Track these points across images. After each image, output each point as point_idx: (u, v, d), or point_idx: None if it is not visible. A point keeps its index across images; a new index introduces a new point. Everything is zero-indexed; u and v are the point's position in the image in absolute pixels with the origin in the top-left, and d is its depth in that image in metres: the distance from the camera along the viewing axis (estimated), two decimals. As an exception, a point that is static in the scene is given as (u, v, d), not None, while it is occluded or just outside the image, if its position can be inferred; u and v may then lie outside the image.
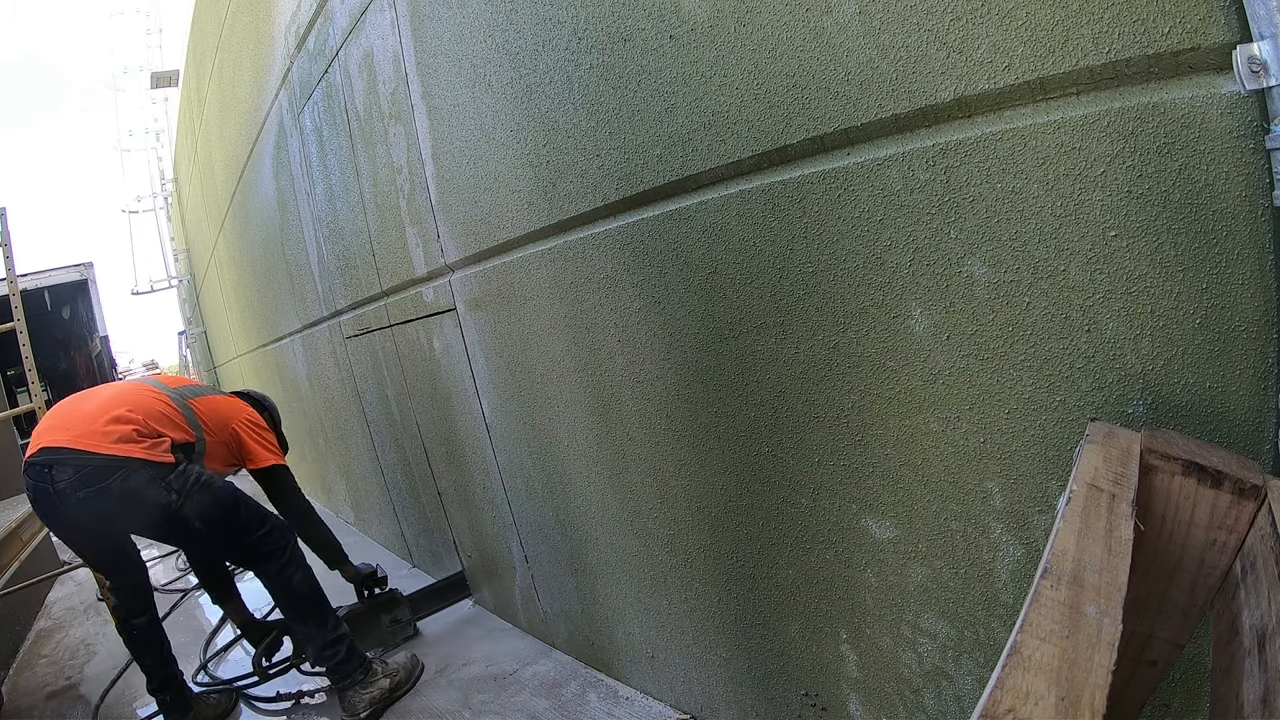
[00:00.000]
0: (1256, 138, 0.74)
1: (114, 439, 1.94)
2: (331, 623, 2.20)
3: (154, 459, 1.96)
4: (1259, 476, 0.72)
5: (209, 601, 3.56)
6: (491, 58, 1.71)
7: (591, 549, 1.99)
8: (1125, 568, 0.58)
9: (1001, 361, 0.99)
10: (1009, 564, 1.06)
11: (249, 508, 2.14)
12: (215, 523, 2.05)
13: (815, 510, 1.32)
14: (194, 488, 2.00)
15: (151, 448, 1.98)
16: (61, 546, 4.31)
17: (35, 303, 9.46)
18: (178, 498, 1.97)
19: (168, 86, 9.83)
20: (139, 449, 1.96)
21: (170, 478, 1.97)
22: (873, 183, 1.06)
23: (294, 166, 3.36)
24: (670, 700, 1.90)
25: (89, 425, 1.96)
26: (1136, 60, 0.80)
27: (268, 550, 2.14)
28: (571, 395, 1.84)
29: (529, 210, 1.74)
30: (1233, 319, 0.80)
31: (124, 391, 2.15)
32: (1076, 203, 0.87)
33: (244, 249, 5.22)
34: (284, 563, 2.16)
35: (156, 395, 2.16)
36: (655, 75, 1.32)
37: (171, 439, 2.06)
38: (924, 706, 1.24)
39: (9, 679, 3.05)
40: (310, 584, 2.20)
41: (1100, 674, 0.46)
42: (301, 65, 2.93)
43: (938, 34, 0.94)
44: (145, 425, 2.02)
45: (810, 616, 1.40)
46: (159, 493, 1.95)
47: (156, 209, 11.38)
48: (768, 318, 1.28)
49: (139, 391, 2.16)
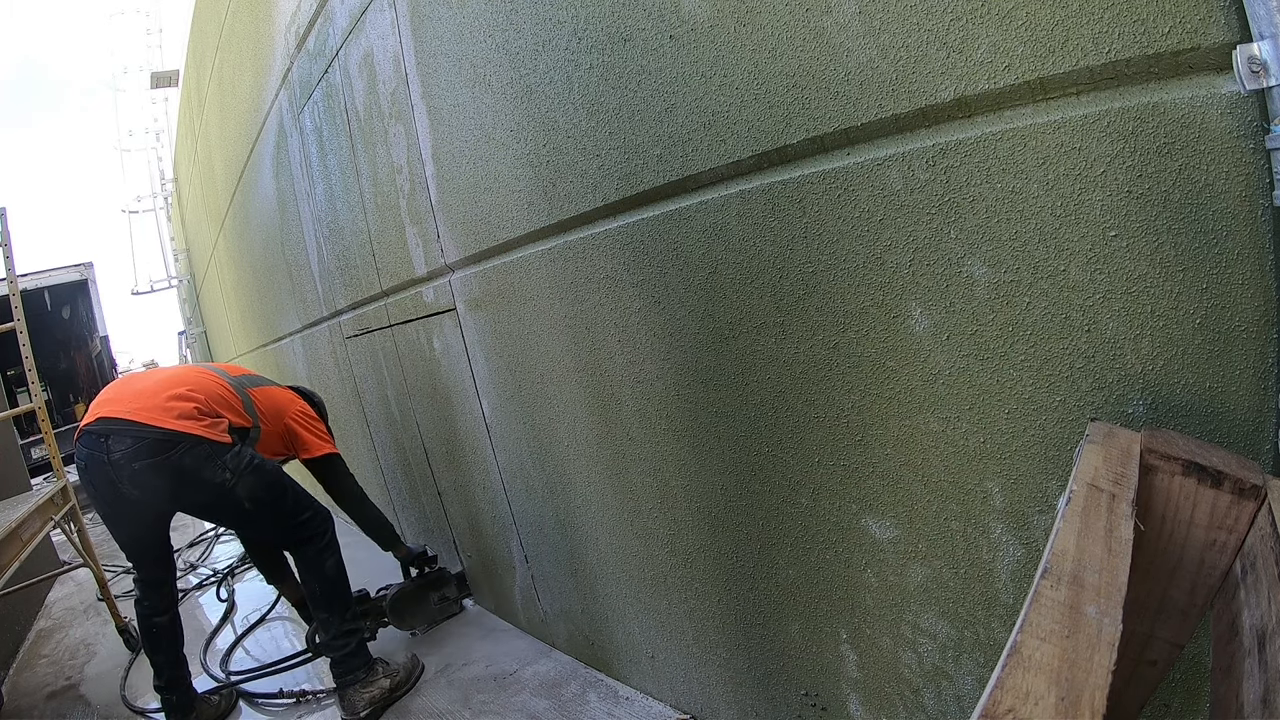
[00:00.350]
0: (1256, 138, 0.74)
1: (175, 414, 1.97)
2: (350, 614, 2.24)
3: (212, 437, 1.99)
4: (1259, 476, 0.72)
5: (210, 601, 3.57)
6: (491, 58, 1.71)
7: (591, 549, 1.99)
8: (1125, 568, 0.58)
9: (1001, 361, 0.99)
10: (1009, 564, 1.06)
11: (296, 493, 2.20)
12: (263, 504, 2.09)
13: (815, 510, 1.32)
14: (248, 469, 2.04)
15: (211, 427, 2.01)
16: (62, 546, 4.31)
17: (35, 303, 9.47)
18: (232, 477, 2.00)
19: (168, 86, 9.83)
20: (199, 426, 1.99)
21: (226, 457, 2.01)
22: (873, 183, 1.06)
23: (294, 166, 3.36)
24: (670, 700, 1.90)
25: (150, 400, 1.99)
26: (1136, 60, 0.80)
27: (309, 535, 2.19)
28: (571, 395, 1.84)
29: (529, 210, 1.74)
30: (1233, 319, 0.80)
31: (185, 372, 2.20)
32: (1076, 203, 0.87)
33: (244, 249, 5.22)
34: (321, 548, 2.21)
35: (216, 379, 2.21)
36: (655, 75, 1.32)
37: (230, 421, 2.09)
38: (924, 706, 1.24)
39: (9, 679, 3.05)
40: (340, 572, 2.25)
41: (1100, 674, 0.46)
42: (301, 65, 2.93)
43: (938, 34, 0.94)
44: (206, 405, 2.06)
45: (810, 616, 1.40)
46: (215, 471, 1.98)
47: (156, 209, 11.38)
48: (768, 318, 1.28)
49: (200, 374, 2.21)
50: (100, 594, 3.12)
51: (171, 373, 2.17)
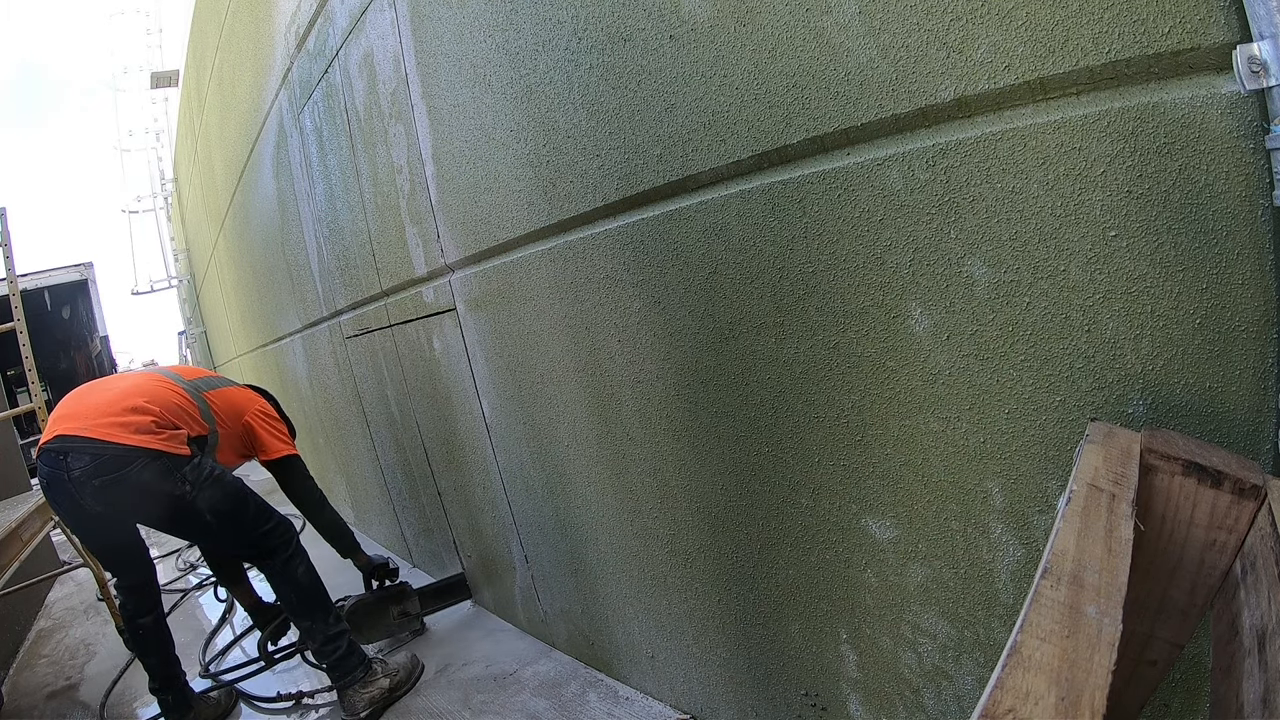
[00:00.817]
0: (1256, 138, 0.74)
1: (132, 429, 1.95)
2: (333, 618, 2.21)
3: (170, 450, 1.97)
4: (1259, 476, 0.72)
5: (209, 601, 3.57)
6: (491, 58, 1.71)
7: (591, 549, 1.99)
8: (1125, 568, 0.58)
9: (1001, 361, 0.99)
10: (1009, 564, 1.06)
11: (257, 503, 2.17)
12: (225, 516, 2.07)
13: (815, 510, 1.32)
14: (207, 481, 2.02)
15: (168, 440, 1.99)
16: (62, 546, 4.32)
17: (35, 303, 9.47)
18: (191, 489, 1.98)
19: (168, 86, 9.83)
20: (156, 440, 1.96)
21: (185, 470, 1.98)
22: (873, 183, 1.06)
23: (294, 166, 3.36)
24: (670, 700, 1.90)
25: (106, 415, 1.97)
26: (1136, 60, 0.80)
27: (273, 545, 2.16)
28: (571, 395, 1.84)
29: (529, 210, 1.74)
30: (1233, 319, 0.80)
31: (140, 383, 2.16)
32: (1076, 203, 0.87)
33: (244, 249, 5.22)
34: (288, 557, 2.18)
35: (172, 387, 2.18)
36: (655, 75, 1.32)
37: (187, 432, 2.08)
38: (924, 706, 1.24)
39: (9, 679, 3.05)
40: (313, 579, 2.22)
41: (1100, 674, 0.46)
42: (301, 65, 2.93)
43: (938, 34, 0.94)
44: (163, 417, 2.04)
45: (810, 616, 1.40)
46: (173, 484, 1.96)
47: (156, 209, 11.38)
48: (768, 318, 1.28)
49: (156, 383, 2.18)
50: (100, 594, 3.11)
51: (129, 383, 2.13)
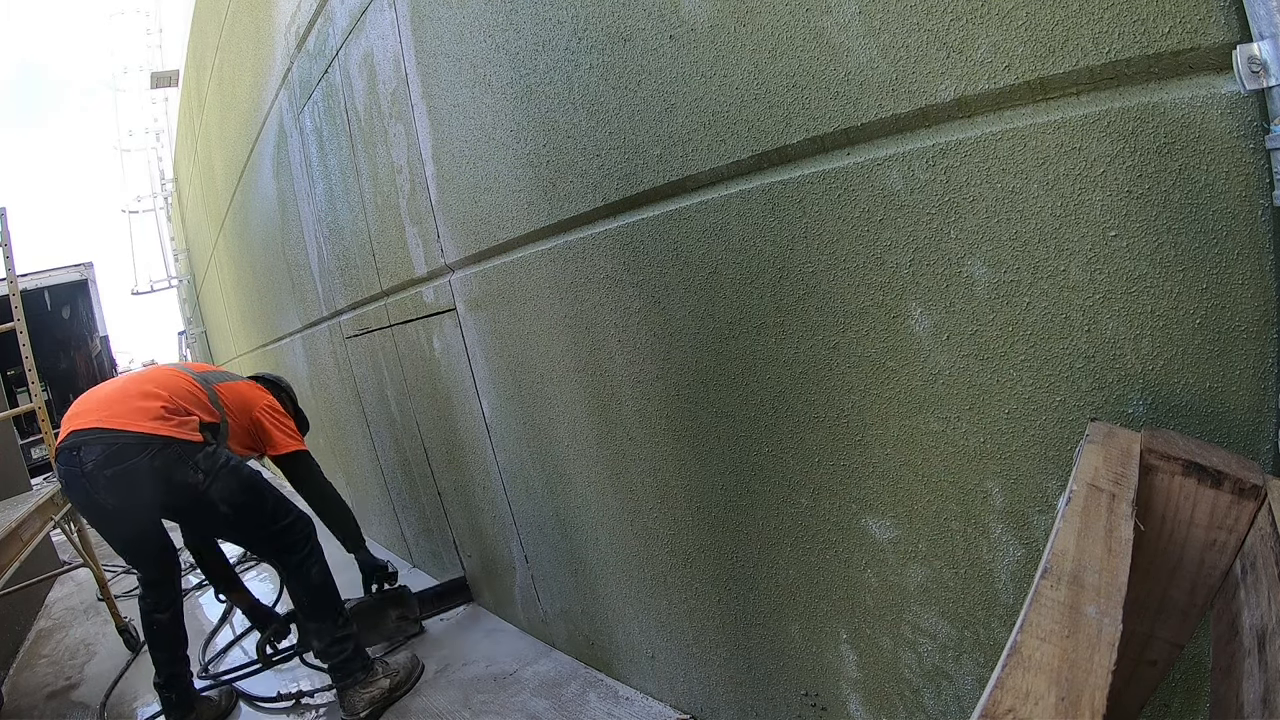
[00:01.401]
0: (1256, 138, 0.74)
1: (143, 416, 1.94)
2: (341, 620, 2.21)
3: (182, 436, 1.96)
4: (1259, 476, 0.72)
5: (209, 601, 3.57)
6: (492, 58, 1.71)
7: (592, 549, 1.99)
8: (1125, 568, 0.58)
9: (1001, 361, 0.99)
10: (1009, 564, 1.06)
11: (275, 497, 2.15)
12: (241, 508, 2.04)
13: (815, 510, 1.32)
14: (222, 469, 2.00)
15: (180, 425, 1.98)
16: (62, 546, 4.31)
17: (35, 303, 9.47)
18: (205, 478, 1.95)
19: (168, 86, 9.82)
20: (167, 426, 1.95)
21: (199, 457, 1.96)
22: (873, 183, 1.06)
23: (294, 166, 3.36)
24: (670, 700, 1.90)
25: (117, 405, 1.97)
26: (1136, 60, 0.80)
27: (291, 542, 2.15)
28: (571, 395, 1.84)
29: (529, 210, 1.74)
30: (1233, 319, 0.80)
31: (151, 372, 2.18)
32: (1076, 203, 0.87)
33: (244, 249, 5.22)
34: (304, 555, 2.16)
35: (182, 375, 2.19)
36: (655, 75, 1.32)
37: (200, 419, 2.07)
38: (924, 706, 1.24)
39: (9, 679, 3.05)
40: (326, 579, 2.21)
41: (1100, 674, 0.46)
42: (301, 65, 2.93)
43: (938, 34, 0.94)
44: (173, 402, 2.03)
45: (810, 616, 1.40)
46: (187, 472, 1.94)
47: (156, 209, 11.38)
48: (768, 318, 1.28)
49: (165, 372, 2.19)
50: (100, 594, 3.12)
51: (137, 375, 2.14)
